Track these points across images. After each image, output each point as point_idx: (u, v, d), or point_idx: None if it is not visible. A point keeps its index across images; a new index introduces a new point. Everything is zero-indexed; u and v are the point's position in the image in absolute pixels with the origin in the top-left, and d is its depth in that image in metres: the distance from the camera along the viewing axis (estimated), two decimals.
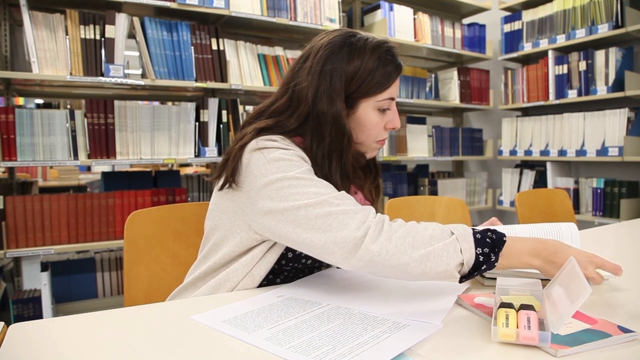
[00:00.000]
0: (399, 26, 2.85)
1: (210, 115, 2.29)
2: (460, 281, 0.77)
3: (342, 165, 0.93)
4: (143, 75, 2.16)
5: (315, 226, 0.77)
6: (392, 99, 0.98)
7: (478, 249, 0.75)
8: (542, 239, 0.81)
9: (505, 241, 0.77)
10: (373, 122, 0.97)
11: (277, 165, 0.84)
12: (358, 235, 0.75)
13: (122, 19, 2.03)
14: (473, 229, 0.80)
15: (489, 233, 0.78)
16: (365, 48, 0.94)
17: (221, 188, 0.92)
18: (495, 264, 0.76)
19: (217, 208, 0.95)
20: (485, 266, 0.75)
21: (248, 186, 0.86)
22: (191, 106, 2.24)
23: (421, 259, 0.73)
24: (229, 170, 0.90)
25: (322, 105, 0.91)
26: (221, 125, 2.32)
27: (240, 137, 0.93)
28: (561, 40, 2.89)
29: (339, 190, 0.86)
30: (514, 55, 3.20)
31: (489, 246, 0.76)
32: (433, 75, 3.18)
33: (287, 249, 0.92)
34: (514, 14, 3.23)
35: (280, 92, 0.97)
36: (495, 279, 0.90)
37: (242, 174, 0.88)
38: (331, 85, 0.91)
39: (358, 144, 1.00)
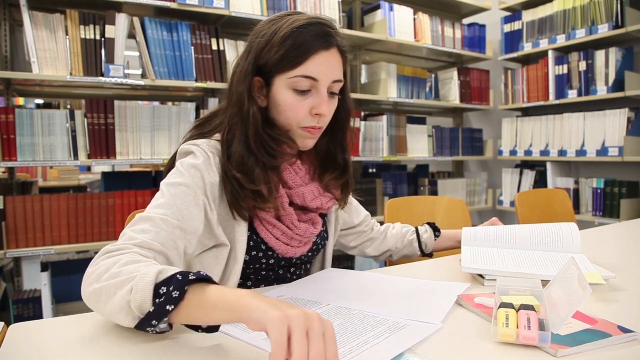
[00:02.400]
0: (399, 26, 2.85)
1: None
2: (140, 327, 0.61)
3: (247, 140, 0.87)
4: (143, 75, 2.16)
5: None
6: (314, 79, 0.86)
7: (162, 288, 0.59)
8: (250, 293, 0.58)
9: (190, 279, 0.59)
10: (287, 102, 0.88)
11: (172, 171, 0.86)
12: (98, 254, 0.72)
13: (122, 19, 2.03)
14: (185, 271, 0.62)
15: (178, 275, 0.60)
16: (287, 22, 0.87)
17: None
18: (169, 307, 0.58)
19: None
20: (156, 313, 0.59)
21: None
22: (191, 106, 2.24)
23: (96, 293, 0.65)
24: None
25: (234, 85, 0.89)
26: None
27: (184, 138, 0.99)
28: (561, 40, 2.89)
29: (234, 161, 0.86)
30: (514, 55, 3.20)
31: (175, 283, 0.59)
32: (433, 75, 3.18)
33: (248, 250, 0.91)
34: (514, 14, 3.23)
35: None
36: (495, 279, 0.91)
37: None
38: (246, 60, 0.88)
39: (284, 129, 0.92)
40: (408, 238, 1.25)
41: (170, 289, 0.59)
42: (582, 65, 2.81)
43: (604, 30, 2.67)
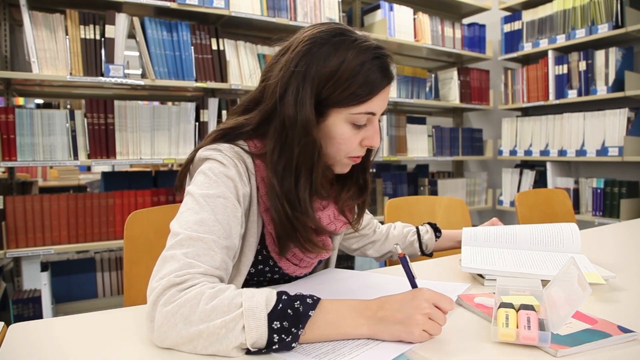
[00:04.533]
0: (399, 26, 2.85)
1: (210, 115, 2.29)
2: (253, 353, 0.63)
3: (312, 180, 0.83)
4: (143, 75, 2.16)
5: (162, 257, 0.71)
6: (373, 114, 0.84)
7: (276, 323, 0.62)
8: (361, 299, 0.70)
9: (310, 316, 0.64)
10: (344, 137, 0.84)
11: (199, 178, 0.79)
12: (156, 287, 0.66)
13: (122, 19, 2.03)
14: (284, 293, 0.66)
15: (297, 303, 0.64)
16: (349, 50, 0.80)
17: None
18: (293, 344, 0.62)
19: None
20: (278, 346, 0.61)
21: None
22: (191, 106, 2.24)
23: (191, 337, 0.61)
24: (181, 176, 0.90)
25: (289, 110, 0.80)
26: None
27: (200, 144, 0.88)
28: (561, 40, 2.89)
29: (307, 207, 0.82)
30: (514, 55, 3.20)
31: (290, 319, 0.62)
32: (433, 75, 3.18)
33: (255, 264, 0.90)
34: (514, 14, 3.23)
35: (257, 87, 0.90)
36: (495, 279, 0.91)
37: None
38: (303, 89, 0.80)
39: (325, 157, 0.87)
40: (409, 239, 1.25)
41: (286, 324, 0.62)
42: (582, 65, 2.81)
43: (604, 30, 2.67)
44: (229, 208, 0.77)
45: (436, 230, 1.26)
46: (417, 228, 1.27)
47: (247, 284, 0.91)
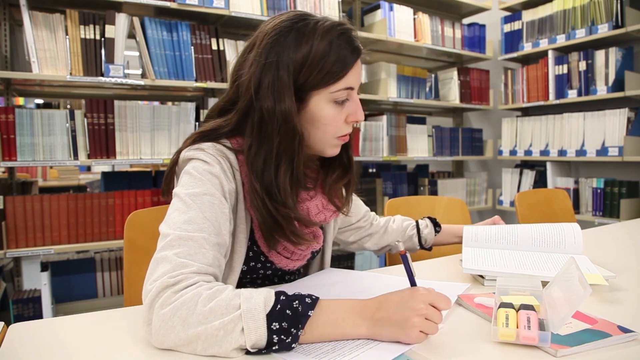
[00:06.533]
0: (399, 26, 2.85)
1: None
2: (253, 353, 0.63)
3: (294, 168, 0.83)
4: (143, 75, 2.16)
5: (153, 259, 0.71)
6: (351, 88, 0.85)
7: (275, 324, 0.62)
8: (360, 299, 0.69)
9: (309, 316, 0.63)
10: (329, 117, 0.85)
11: (184, 178, 0.79)
12: (151, 290, 0.65)
13: (122, 19, 2.03)
14: (282, 293, 0.65)
15: (295, 303, 0.64)
16: (315, 32, 0.82)
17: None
18: (293, 345, 0.62)
19: None
20: (278, 346, 0.62)
21: None
22: (191, 106, 2.24)
23: (190, 339, 0.61)
24: (167, 180, 0.90)
25: (267, 102, 0.80)
26: None
27: (181, 147, 0.88)
28: (561, 40, 2.89)
29: (287, 198, 0.81)
30: (514, 55, 3.20)
31: (289, 320, 0.62)
32: (433, 75, 3.18)
33: (247, 260, 0.90)
34: (514, 14, 3.23)
35: (229, 88, 0.90)
36: (495, 279, 0.90)
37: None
38: (278, 79, 0.80)
39: (313, 143, 0.88)
40: (408, 233, 1.25)
41: (285, 325, 0.62)
42: (582, 65, 2.81)
43: (604, 30, 2.67)
44: (216, 205, 0.77)
45: (436, 224, 1.26)
46: (417, 222, 1.27)
47: (240, 281, 0.90)
